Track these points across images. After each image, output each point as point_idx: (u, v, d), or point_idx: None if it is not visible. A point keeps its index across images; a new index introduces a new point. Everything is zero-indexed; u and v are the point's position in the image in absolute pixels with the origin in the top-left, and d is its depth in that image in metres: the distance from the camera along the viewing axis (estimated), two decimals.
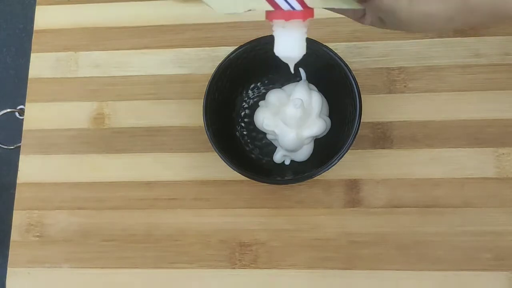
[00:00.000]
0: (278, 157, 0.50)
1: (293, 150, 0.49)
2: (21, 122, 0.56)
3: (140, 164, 0.53)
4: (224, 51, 0.50)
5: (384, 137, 0.51)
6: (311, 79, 0.50)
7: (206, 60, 0.55)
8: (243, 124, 0.52)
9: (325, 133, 0.49)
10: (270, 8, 0.33)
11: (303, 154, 0.50)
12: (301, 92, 0.48)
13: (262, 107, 0.50)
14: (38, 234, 0.52)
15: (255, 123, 0.50)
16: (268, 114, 0.49)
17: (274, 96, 0.48)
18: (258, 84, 0.53)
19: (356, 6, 0.35)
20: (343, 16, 0.38)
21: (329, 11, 0.37)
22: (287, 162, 0.51)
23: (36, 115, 0.55)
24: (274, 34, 0.35)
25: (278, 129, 0.48)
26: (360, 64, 0.53)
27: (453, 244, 0.48)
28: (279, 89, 0.50)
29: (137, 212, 0.52)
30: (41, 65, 0.57)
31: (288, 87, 0.50)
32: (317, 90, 0.50)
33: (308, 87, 0.49)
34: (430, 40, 0.53)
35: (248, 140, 0.52)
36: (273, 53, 0.49)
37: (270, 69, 0.51)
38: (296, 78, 0.51)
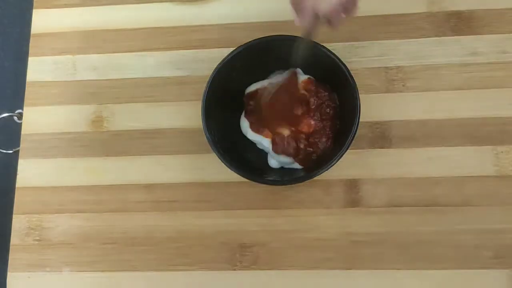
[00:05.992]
0: (272, 163, 0.50)
1: (285, 162, 0.48)
2: (19, 126, 0.55)
3: (140, 166, 0.53)
4: (221, 53, 0.49)
5: (383, 136, 0.51)
6: None
7: (204, 62, 0.55)
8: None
9: None
10: None
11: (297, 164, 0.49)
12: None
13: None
14: (37, 238, 0.52)
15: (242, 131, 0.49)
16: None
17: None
18: None
19: None
20: None
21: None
22: None
23: (35, 119, 0.55)
24: None
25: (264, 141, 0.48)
26: (358, 64, 0.53)
27: (453, 243, 0.48)
28: (262, 81, 0.49)
29: (137, 215, 0.51)
30: (39, 68, 0.57)
31: (274, 79, 0.49)
32: None
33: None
34: (427, 39, 0.53)
35: (247, 141, 0.52)
36: (271, 54, 0.49)
37: (268, 69, 0.51)
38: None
